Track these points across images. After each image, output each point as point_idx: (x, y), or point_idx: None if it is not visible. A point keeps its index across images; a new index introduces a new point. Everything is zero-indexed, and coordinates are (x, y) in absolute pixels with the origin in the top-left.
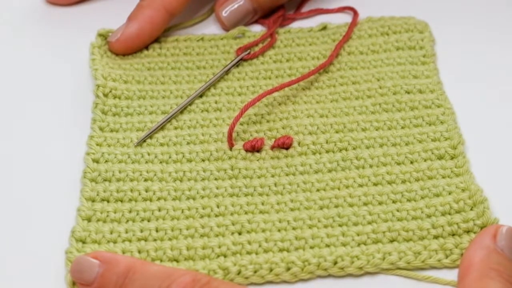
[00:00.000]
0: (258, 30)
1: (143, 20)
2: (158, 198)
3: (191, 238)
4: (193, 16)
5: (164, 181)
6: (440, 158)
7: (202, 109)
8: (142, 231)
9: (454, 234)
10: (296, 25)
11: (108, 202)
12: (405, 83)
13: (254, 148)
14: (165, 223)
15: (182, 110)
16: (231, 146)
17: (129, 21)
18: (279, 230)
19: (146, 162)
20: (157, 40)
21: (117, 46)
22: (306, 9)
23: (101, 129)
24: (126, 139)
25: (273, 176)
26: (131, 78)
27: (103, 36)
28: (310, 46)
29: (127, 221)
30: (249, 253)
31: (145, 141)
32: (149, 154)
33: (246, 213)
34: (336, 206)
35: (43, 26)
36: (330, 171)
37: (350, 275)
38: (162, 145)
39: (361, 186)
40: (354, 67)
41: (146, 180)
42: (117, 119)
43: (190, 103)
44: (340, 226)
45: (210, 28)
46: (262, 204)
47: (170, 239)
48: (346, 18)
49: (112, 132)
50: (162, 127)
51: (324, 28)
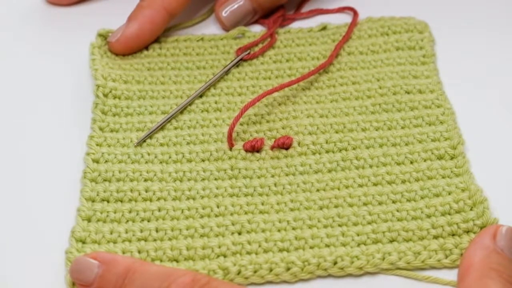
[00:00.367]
0: (258, 30)
1: (143, 20)
2: (158, 198)
3: (191, 238)
4: (193, 16)
5: (164, 181)
6: (440, 158)
7: (202, 109)
8: (142, 231)
9: (454, 234)
10: (296, 25)
11: (108, 202)
12: (405, 83)
13: (254, 148)
14: (165, 223)
15: (182, 110)
16: (231, 146)
17: (129, 21)
18: (279, 230)
19: (146, 162)
20: (157, 40)
21: (117, 46)
22: (306, 9)
23: (101, 129)
24: (126, 139)
25: (273, 176)
26: (131, 78)
27: (103, 36)
28: (310, 46)
29: (127, 221)
30: (249, 253)
31: (145, 141)
32: (149, 154)
33: (246, 213)
34: (336, 206)
35: (43, 26)
36: (330, 171)
37: (350, 275)
38: (162, 145)
39: (361, 186)
40: (354, 67)
41: (146, 180)
42: (117, 119)
43: (190, 103)
44: (340, 226)
45: (210, 28)
46: (262, 204)
47: (170, 239)
48: (346, 18)
49: (112, 132)
50: (162, 127)
51: (324, 28)
